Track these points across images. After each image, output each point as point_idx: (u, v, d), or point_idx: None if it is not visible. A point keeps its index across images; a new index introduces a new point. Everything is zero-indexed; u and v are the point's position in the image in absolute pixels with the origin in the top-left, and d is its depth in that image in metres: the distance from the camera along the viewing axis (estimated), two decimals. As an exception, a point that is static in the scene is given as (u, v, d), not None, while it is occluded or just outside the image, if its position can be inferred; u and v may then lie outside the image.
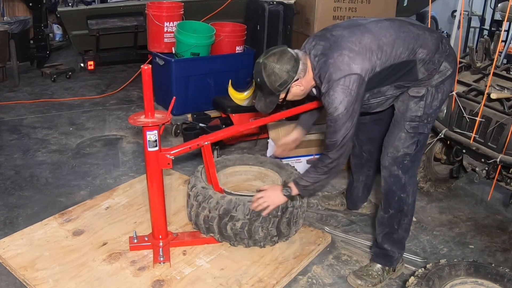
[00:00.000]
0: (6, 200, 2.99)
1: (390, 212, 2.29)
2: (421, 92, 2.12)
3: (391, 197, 2.27)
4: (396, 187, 2.25)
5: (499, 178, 2.66)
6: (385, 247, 2.34)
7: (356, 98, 1.97)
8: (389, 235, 2.33)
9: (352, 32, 2.04)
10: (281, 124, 3.65)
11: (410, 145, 2.19)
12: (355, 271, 2.37)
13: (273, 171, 2.72)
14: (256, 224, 2.34)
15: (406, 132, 2.18)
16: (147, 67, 2.12)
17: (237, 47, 4.60)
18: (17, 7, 6.44)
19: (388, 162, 2.23)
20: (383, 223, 2.34)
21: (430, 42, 2.07)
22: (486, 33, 6.12)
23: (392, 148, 2.21)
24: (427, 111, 2.14)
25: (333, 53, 1.99)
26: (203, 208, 2.38)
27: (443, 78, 2.12)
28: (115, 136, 4.05)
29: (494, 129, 2.53)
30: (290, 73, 2.03)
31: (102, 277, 2.25)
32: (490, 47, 2.96)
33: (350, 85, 1.95)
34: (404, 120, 2.17)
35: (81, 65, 5.54)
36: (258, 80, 2.07)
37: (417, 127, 2.17)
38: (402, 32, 2.06)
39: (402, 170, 2.22)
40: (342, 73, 1.95)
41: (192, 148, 2.34)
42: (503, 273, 1.94)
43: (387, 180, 2.26)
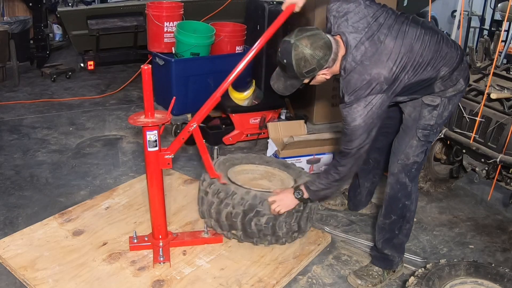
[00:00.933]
0: (6, 200, 2.99)
1: (392, 218, 2.28)
2: (435, 102, 2.09)
3: (395, 204, 2.26)
4: (401, 194, 2.24)
5: (499, 178, 2.66)
6: (385, 252, 2.34)
7: (377, 114, 1.94)
8: (389, 240, 2.32)
9: (398, 46, 1.93)
10: (281, 124, 3.65)
11: (420, 153, 2.18)
12: (355, 271, 2.37)
13: (280, 170, 2.72)
14: (280, 219, 2.34)
15: (418, 140, 2.16)
16: (147, 67, 2.12)
17: (237, 47, 4.60)
18: (17, 7, 6.43)
19: (397, 169, 2.21)
20: (383, 229, 2.32)
21: (454, 61, 2.04)
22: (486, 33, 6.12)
23: (403, 155, 2.19)
24: (438, 120, 2.13)
25: (372, 70, 1.90)
26: (226, 205, 2.35)
27: (456, 92, 2.10)
28: (115, 136, 4.05)
29: (494, 129, 2.53)
30: (321, 61, 1.92)
31: (102, 277, 2.25)
32: (490, 47, 2.96)
33: (375, 102, 1.92)
34: (417, 127, 2.14)
35: (81, 65, 5.54)
36: (284, 61, 1.94)
37: (428, 136, 2.16)
38: (436, 51, 2.00)
39: (409, 178, 2.21)
40: (372, 91, 1.91)
41: (185, 137, 2.29)
42: (503, 273, 1.94)
43: (393, 186, 2.25)
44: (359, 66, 1.92)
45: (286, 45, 1.93)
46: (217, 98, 2.26)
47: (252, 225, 2.34)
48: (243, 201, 2.31)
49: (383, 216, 2.31)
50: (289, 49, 1.92)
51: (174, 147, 2.28)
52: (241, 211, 2.32)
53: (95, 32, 5.05)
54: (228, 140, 3.73)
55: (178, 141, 2.28)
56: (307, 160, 3.45)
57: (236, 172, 2.67)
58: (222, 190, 2.37)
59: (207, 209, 2.45)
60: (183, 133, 2.28)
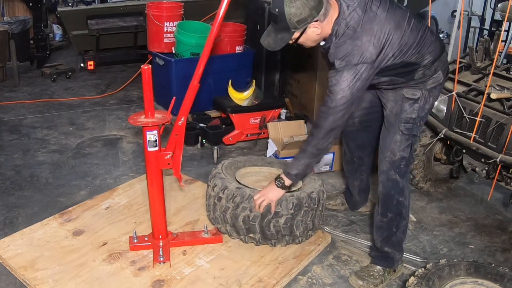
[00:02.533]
0: (6, 200, 2.99)
1: (389, 216, 2.30)
2: (416, 95, 2.15)
3: (390, 201, 2.28)
4: (394, 191, 2.26)
5: (499, 178, 2.66)
6: (385, 250, 2.35)
7: (362, 86, 1.98)
8: (388, 238, 2.33)
9: (388, 19, 1.98)
10: (281, 124, 3.65)
11: (406, 148, 2.21)
12: (356, 272, 2.37)
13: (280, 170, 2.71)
14: (298, 218, 2.34)
15: (401, 134, 2.19)
16: (147, 67, 2.12)
17: (237, 47, 4.60)
18: (17, 7, 6.43)
19: (386, 166, 2.24)
20: (381, 227, 2.34)
21: (437, 51, 2.11)
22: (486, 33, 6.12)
23: (389, 152, 2.22)
24: (420, 113, 2.18)
25: (363, 36, 1.94)
26: (243, 209, 2.32)
27: (436, 84, 2.17)
28: (115, 136, 4.05)
29: (494, 129, 2.53)
30: (312, 11, 1.90)
31: (102, 277, 2.25)
32: (490, 47, 2.96)
33: (362, 71, 1.94)
34: (398, 121, 2.19)
35: (81, 65, 5.54)
36: (276, 10, 1.91)
37: (411, 129, 2.19)
38: (421, 37, 2.05)
39: (399, 174, 2.24)
40: (361, 59, 1.93)
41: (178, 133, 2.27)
42: (503, 273, 1.94)
43: (385, 184, 2.27)
44: (351, 31, 1.95)
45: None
46: (196, 85, 2.23)
47: (271, 227, 2.32)
48: None
49: (381, 215, 2.33)
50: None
51: (171, 146, 2.29)
52: (259, 214, 2.30)
53: (95, 32, 5.06)
54: (228, 140, 3.73)
55: (173, 138, 2.29)
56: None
57: (241, 175, 2.66)
58: (238, 194, 2.33)
59: (221, 215, 2.41)
60: (175, 130, 2.28)
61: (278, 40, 2.00)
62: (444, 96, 2.79)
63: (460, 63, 2.95)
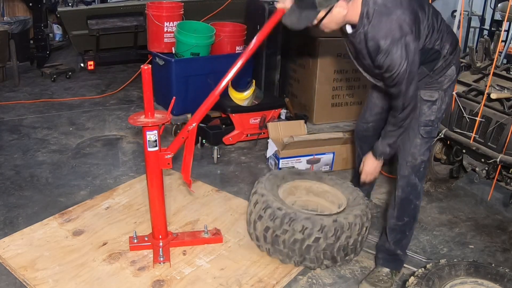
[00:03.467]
0: (6, 200, 2.99)
1: (405, 220, 2.28)
2: (434, 96, 2.14)
3: (408, 206, 2.26)
4: (412, 196, 2.25)
5: (499, 178, 2.66)
6: (397, 252, 2.34)
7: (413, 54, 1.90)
8: (400, 240, 2.33)
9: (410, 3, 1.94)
10: (281, 124, 3.65)
11: (425, 151, 2.19)
12: (366, 279, 2.35)
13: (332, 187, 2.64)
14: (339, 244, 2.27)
15: (421, 138, 2.17)
16: (147, 67, 2.12)
17: (237, 47, 4.60)
18: (17, 7, 6.43)
19: (407, 171, 2.22)
20: (395, 230, 2.32)
21: (454, 42, 2.10)
22: (486, 33, 6.12)
23: (410, 157, 2.20)
24: (438, 114, 2.16)
25: (396, 9, 1.87)
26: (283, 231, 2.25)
27: (450, 83, 2.15)
28: (115, 136, 4.04)
29: (494, 129, 2.53)
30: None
31: (102, 277, 2.25)
32: (490, 47, 2.96)
33: (409, 42, 1.87)
34: (418, 125, 2.16)
35: (81, 65, 5.54)
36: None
37: (430, 132, 2.17)
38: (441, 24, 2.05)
39: (418, 178, 2.23)
40: (403, 32, 1.86)
41: (185, 137, 2.27)
42: (503, 273, 1.93)
43: (404, 189, 2.25)
44: (381, 8, 1.88)
45: None
46: (216, 96, 2.25)
47: (311, 252, 2.26)
48: (302, 227, 2.22)
49: (396, 219, 2.30)
50: None
51: (174, 147, 2.28)
52: (300, 239, 2.24)
53: (95, 32, 5.05)
54: (228, 140, 3.73)
55: (178, 140, 2.28)
56: (307, 160, 3.45)
57: (288, 189, 2.59)
58: (279, 216, 2.26)
59: (262, 234, 2.35)
60: (182, 133, 2.27)
61: (302, 18, 1.90)
62: (444, 96, 2.79)
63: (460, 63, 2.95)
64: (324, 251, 2.26)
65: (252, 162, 3.65)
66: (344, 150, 3.51)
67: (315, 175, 2.70)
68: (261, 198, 2.36)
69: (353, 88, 4.44)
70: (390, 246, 2.35)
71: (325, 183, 2.65)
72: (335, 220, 2.25)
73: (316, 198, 2.67)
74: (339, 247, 2.28)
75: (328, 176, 2.69)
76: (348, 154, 3.52)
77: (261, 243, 2.39)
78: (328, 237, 2.23)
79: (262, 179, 2.52)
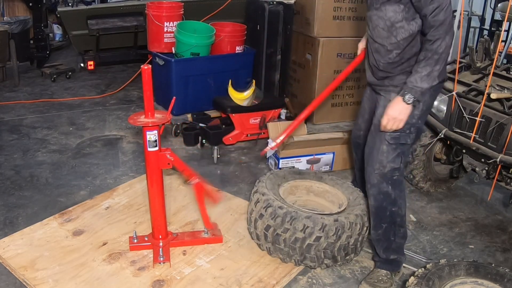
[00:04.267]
0: (6, 200, 2.99)
1: (383, 226, 2.25)
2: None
3: (383, 213, 2.23)
4: (386, 203, 2.20)
5: (499, 178, 2.66)
6: (391, 257, 2.34)
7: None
8: (388, 247, 2.31)
9: None
10: (281, 124, 3.65)
11: (395, 158, 2.11)
12: (366, 279, 2.34)
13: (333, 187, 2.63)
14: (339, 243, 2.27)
15: (387, 144, 2.10)
16: (147, 67, 2.12)
17: (237, 47, 4.60)
18: (17, 7, 6.44)
19: (376, 179, 2.16)
20: (379, 240, 2.30)
21: None
22: (486, 33, 6.12)
23: (377, 164, 2.14)
24: (409, 120, 2.05)
25: None
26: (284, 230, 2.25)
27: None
28: (115, 136, 4.05)
29: (494, 129, 2.53)
30: None
31: (102, 277, 2.25)
32: (490, 47, 2.96)
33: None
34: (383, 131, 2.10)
35: (81, 65, 5.54)
36: None
37: (398, 138, 2.09)
38: None
39: (392, 186, 2.16)
40: None
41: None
42: (503, 273, 1.93)
43: (376, 197, 2.21)
44: None
45: None
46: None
47: (311, 251, 2.26)
48: (303, 226, 2.22)
49: (374, 228, 2.28)
50: None
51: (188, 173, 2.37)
52: (300, 237, 2.24)
53: (95, 32, 5.05)
54: (228, 140, 3.73)
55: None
56: (307, 160, 3.45)
57: (288, 188, 2.60)
58: (280, 214, 2.26)
59: (262, 232, 2.35)
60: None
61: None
62: (444, 96, 2.79)
63: (460, 63, 2.95)
64: (324, 250, 2.26)
65: (252, 162, 3.65)
66: (344, 150, 3.51)
67: (316, 175, 2.70)
68: (262, 197, 2.36)
69: (353, 88, 4.44)
70: (382, 255, 2.34)
71: (326, 183, 2.66)
72: (336, 219, 2.25)
73: (317, 198, 2.67)
74: (340, 247, 2.28)
75: (328, 176, 2.69)
76: (348, 154, 3.52)
77: (261, 242, 2.39)
78: (329, 236, 2.23)
79: (263, 178, 2.53)
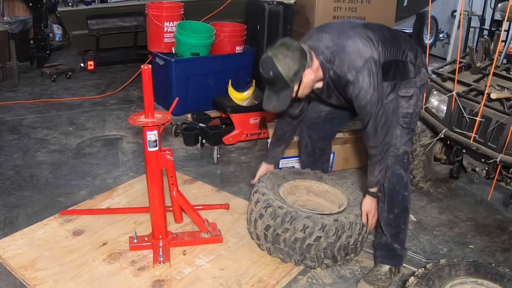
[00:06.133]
0: (6, 200, 2.99)
1: (395, 211, 2.31)
2: (410, 92, 2.25)
3: (395, 196, 2.30)
4: (399, 186, 2.29)
5: (499, 178, 2.66)
6: (394, 247, 2.35)
7: (377, 78, 2.03)
8: (397, 235, 2.34)
9: (352, 26, 2.12)
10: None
11: (407, 141, 2.29)
12: (364, 277, 2.35)
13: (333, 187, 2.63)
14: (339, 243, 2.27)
15: (401, 128, 2.26)
16: (147, 67, 2.12)
17: (237, 47, 4.60)
18: (17, 7, 6.44)
19: (391, 161, 2.27)
20: (389, 224, 2.34)
21: (414, 48, 2.24)
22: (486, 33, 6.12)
23: (392, 147, 2.26)
24: (415, 109, 2.28)
25: (347, 41, 2.03)
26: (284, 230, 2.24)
27: (423, 83, 2.29)
28: (115, 136, 4.05)
29: (494, 129, 2.53)
30: (301, 60, 1.99)
31: (102, 277, 2.25)
32: (490, 47, 2.96)
33: (373, 69, 2.01)
34: (397, 116, 2.26)
35: (81, 65, 5.54)
36: (270, 73, 1.98)
37: (409, 123, 2.28)
38: (395, 33, 2.24)
39: (403, 169, 2.29)
40: (363, 58, 2.01)
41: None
42: (503, 273, 1.93)
43: (390, 180, 2.29)
44: (336, 47, 2.04)
45: (266, 61, 2.00)
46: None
47: (311, 251, 2.25)
48: (303, 226, 2.21)
49: (387, 211, 2.34)
50: (270, 62, 1.98)
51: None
52: (301, 237, 2.23)
53: (95, 32, 5.06)
54: (228, 140, 3.73)
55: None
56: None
57: (288, 188, 2.59)
58: (280, 214, 2.25)
59: (262, 232, 2.34)
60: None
61: (282, 100, 2.05)
62: (444, 96, 2.79)
63: (460, 63, 2.95)
64: (324, 250, 2.26)
65: (252, 162, 3.65)
66: (344, 150, 3.51)
67: (315, 175, 2.69)
68: (262, 197, 2.35)
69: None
70: (387, 240, 2.36)
71: (326, 183, 2.65)
72: (336, 219, 2.25)
73: (317, 198, 2.67)
74: (340, 247, 2.27)
75: (328, 176, 2.68)
76: (348, 154, 3.52)
77: (261, 242, 2.39)
78: (329, 236, 2.23)
79: (263, 178, 2.52)
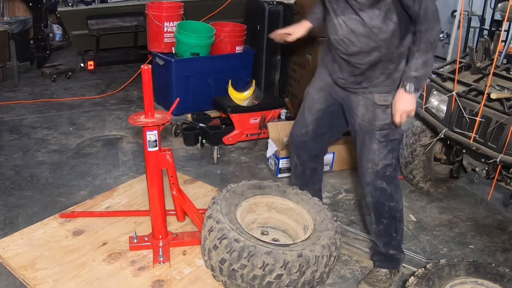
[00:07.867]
0: (6, 200, 2.99)
1: (384, 222, 2.27)
2: (388, 100, 2.08)
3: (381, 208, 2.25)
4: (384, 199, 2.22)
5: (499, 178, 2.66)
6: (390, 253, 2.34)
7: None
8: (389, 242, 2.32)
9: None
10: (281, 124, 3.66)
11: (386, 155, 2.15)
12: (365, 279, 2.35)
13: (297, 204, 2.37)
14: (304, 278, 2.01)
15: (377, 143, 2.13)
16: (147, 67, 2.12)
17: (237, 47, 4.60)
18: (17, 7, 6.44)
19: (370, 178, 2.19)
20: (380, 235, 2.32)
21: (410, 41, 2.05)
22: (486, 33, 6.12)
23: (370, 163, 2.17)
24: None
25: None
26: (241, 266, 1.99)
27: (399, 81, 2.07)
28: (115, 136, 4.05)
29: (494, 129, 2.53)
30: None
31: (102, 277, 2.25)
32: (490, 47, 2.96)
33: None
34: (373, 130, 2.13)
35: (81, 65, 5.54)
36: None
37: (388, 135, 2.13)
38: None
39: (386, 182, 2.19)
40: None
41: None
42: (503, 273, 1.93)
43: (373, 194, 2.23)
44: None
45: None
46: None
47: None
48: (263, 264, 1.95)
49: (375, 223, 2.30)
50: None
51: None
52: (260, 274, 1.97)
53: (95, 32, 5.06)
54: (228, 140, 3.73)
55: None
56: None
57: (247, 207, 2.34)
58: (236, 249, 1.98)
59: (217, 265, 2.07)
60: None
61: None
62: (444, 96, 2.79)
63: (460, 63, 2.95)
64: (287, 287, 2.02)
65: (252, 162, 3.65)
66: (344, 150, 3.51)
67: (278, 189, 2.42)
68: (217, 225, 2.07)
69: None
70: (381, 249, 2.34)
71: (289, 198, 2.39)
72: (300, 254, 1.99)
73: (279, 215, 2.41)
74: (304, 282, 2.03)
75: (293, 190, 2.42)
76: (348, 154, 3.52)
77: (216, 274, 2.12)
78: (291, 273, 1.97)
79: (218, 198, 2.25)
